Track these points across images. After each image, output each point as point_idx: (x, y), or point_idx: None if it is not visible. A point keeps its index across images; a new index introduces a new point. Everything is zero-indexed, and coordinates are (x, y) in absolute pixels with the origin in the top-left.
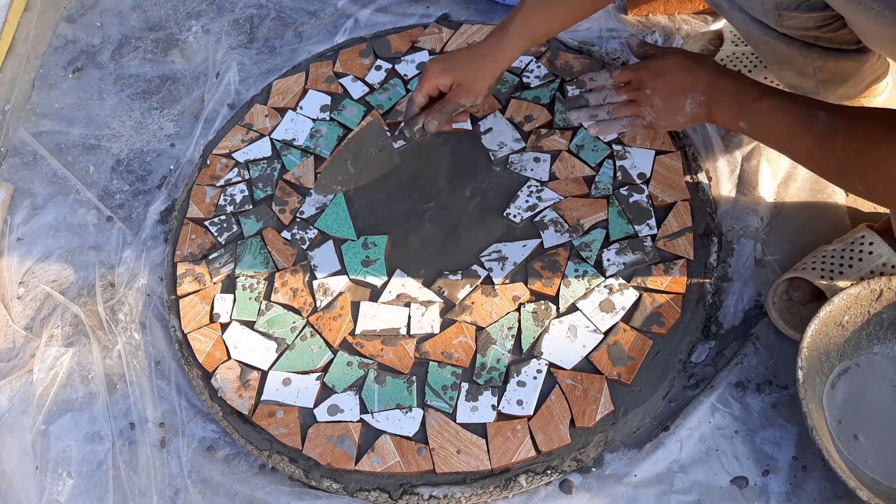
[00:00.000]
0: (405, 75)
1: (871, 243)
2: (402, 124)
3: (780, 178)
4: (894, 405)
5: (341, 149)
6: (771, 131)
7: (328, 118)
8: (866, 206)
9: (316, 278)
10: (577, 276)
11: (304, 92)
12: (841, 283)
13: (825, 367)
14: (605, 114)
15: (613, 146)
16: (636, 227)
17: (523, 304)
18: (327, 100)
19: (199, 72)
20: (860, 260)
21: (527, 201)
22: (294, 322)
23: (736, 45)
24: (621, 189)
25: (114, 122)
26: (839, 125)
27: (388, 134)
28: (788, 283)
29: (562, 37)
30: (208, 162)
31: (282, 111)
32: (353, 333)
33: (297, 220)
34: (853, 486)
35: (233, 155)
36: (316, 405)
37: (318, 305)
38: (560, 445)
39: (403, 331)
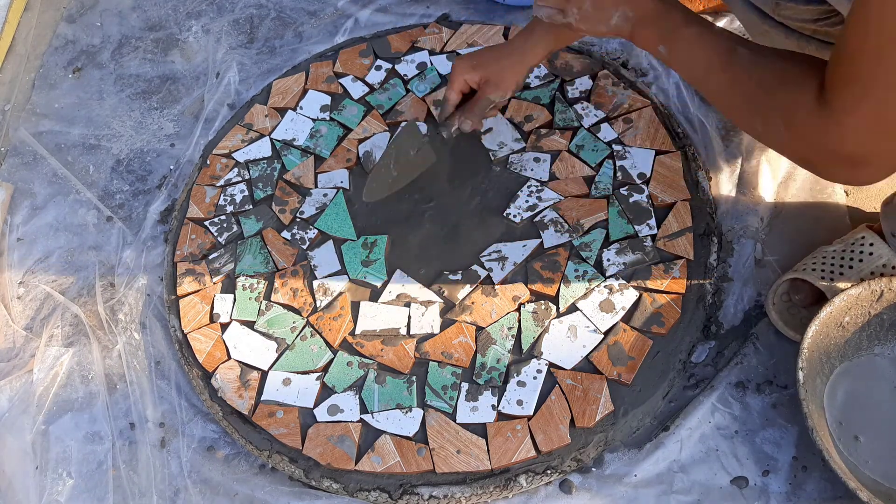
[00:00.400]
0: (405, 75)
1: (871, 244)
2: (438, 125)
3: (780, 178)
4: (895, 406)
5: (384, 154)
6: (689, 60)
7: (328, 118)
8: (867, 205)
9: (316, 278)
10: (577, 276)
11: (304, 92)
12: (841, 284)
13: (826, 367)
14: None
15: (613, 146)
16: (636, 227)
17: (523, 304)
18: (327, 100)
19: (199, 72)
20: (860, 261)
21: (527, 201)
22: (294, 322)
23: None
24: (621, 189)
25: (114, 122)
26: (759, 62)
27: (425, 134)
28: (789, 284)
29: None
30: (208, 162)
31: (282, 111)
32: (353, 333)
33: (297, 220)
34: (853, 486)
35: (233, 155)
36: (316, 405)
37: (318, 305)
38: (560, 445)
39: (403, 331)
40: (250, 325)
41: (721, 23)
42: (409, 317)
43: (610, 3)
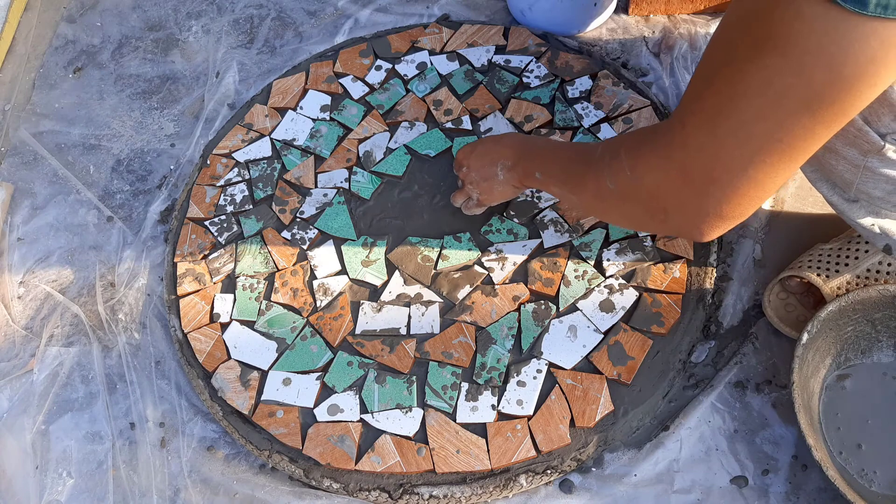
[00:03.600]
0: (405, 75)
1: (867, 241)
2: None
3: None
4: (894, 412)
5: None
6: (555, 171)
7: (328, 118)
8: None
9: (316, 278)
10: (577, 276)
11: (304, 92)
12: (836, 282)
13: (822, 372)
14: (455, 203)
15: None
16: None
17: (523, 304)
18: (327, 100)
19: (199, 72)
20: (856, 258)
21: (527, 201)
22: (294, 322)
23: None
24: None
25: (114, 122)
26: (603, 144)
27: None
28: (785, 282)
29: (561, 37)
30: (208, 162)
31: (282, 111)
32: (353, 333)
33: (297, 220)
34: (832, 475)
35: (233, 155)
36: (316, 405)
37: (318, 305)
38: (560, 445)
39: (403, 331)
40: (250, 325)
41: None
42: (409, 317)
43: (488, 161)
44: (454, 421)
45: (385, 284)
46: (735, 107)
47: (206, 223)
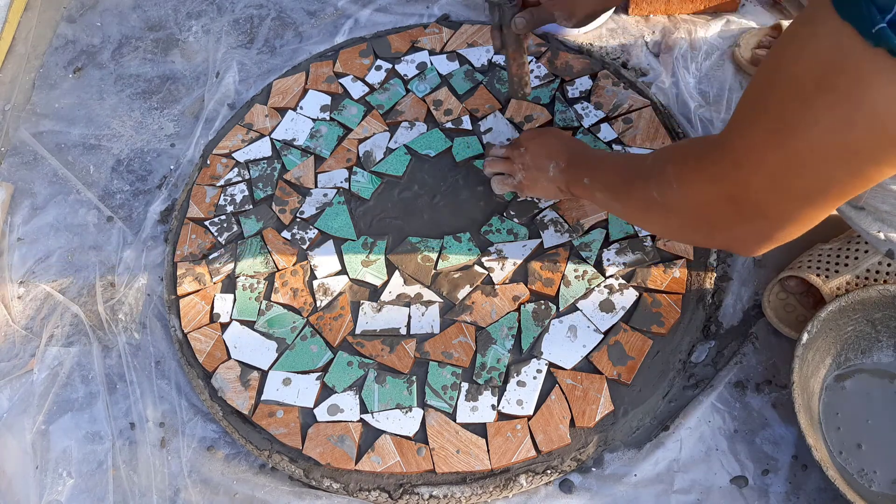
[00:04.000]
0: (405, 75)
1: (866, 242)
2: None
3: None
4: (894, 412)
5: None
6: (603, 172)
7: (328, 118)
8: None
9: (316, 278)
10: (577, 276)
11: (305, 92)
12: (836, 282)
13: (822, 372)
14: (486, 169)
15: (613, 146)
16: (636, 227)
17: (523, 304)
18: (327, 100)
19: (199, 72)
20: (856, 258)
21: (527, 201)
22: (294, 322)
23: None
24: None
25: (114, 122)
26: (649, 155)
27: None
28: (785, 282)
29: (562, 37)
30: (208, 162)
31: (282, 111)
32: (353, 333)
33: (297, 220)
34: (843, 490)
35: (233, 155)
36: (316, 405)
37: (318, 305)
38: (560, 445)
39: (403, 331)
40: (250, 325)
41: (718, 24)
42: (409, 317)
43: (545, 153)
44: (454, 421)
45: (385, 284)
46: (793, 143)
47: (206, 223)
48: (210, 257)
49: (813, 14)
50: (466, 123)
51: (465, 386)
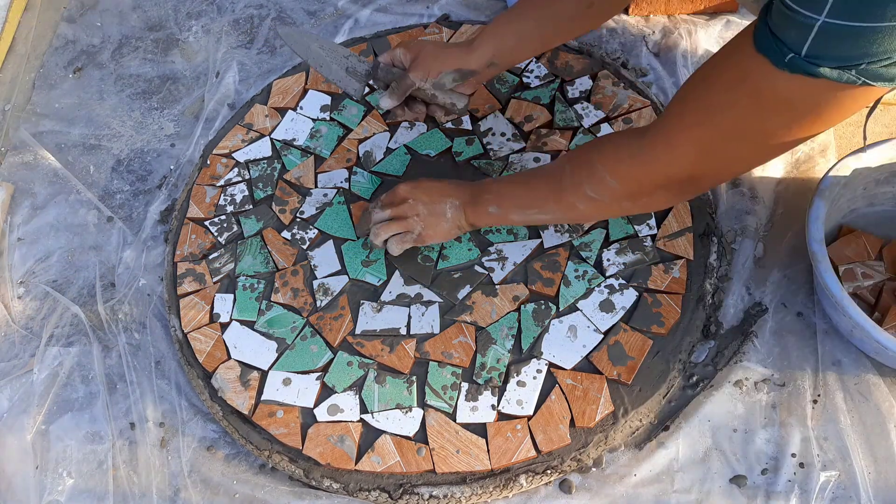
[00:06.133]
0: None
1: None
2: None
3: (779, 177)
4: None
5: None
6: (513, 198)
7: (328, 118)
8: None
9: (316, 278)
10: (577, 276)
11: (305, 92)
12: None
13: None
14: (377, 238)
15: None
16: (636, 227)
17: (523, 304)
18: (327, 100)
19: (199, 72)
20: None
21: None
22: (294, 322)
23: None
24: None
25: (114, 122)
26: (563, 157)
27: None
28: None
29: None
30: (208, 162)
31: (282, 111)
32: (353, 333)
33: (297, 220)
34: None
35: (233, 155)
36: (316, 405)
37: (318, 305)
38: (560, 445)
39: (403, 331)
40: (250, 325)
41: (718, 24)
42: (409, 317)
43: (436, 196)
44: (454, 421)
45: (385, 284)
46: (713, 123)
47: (206, 223)
48: (210, 257)
49: (737, 43)
50: (466, 123)
51: (465, 386)
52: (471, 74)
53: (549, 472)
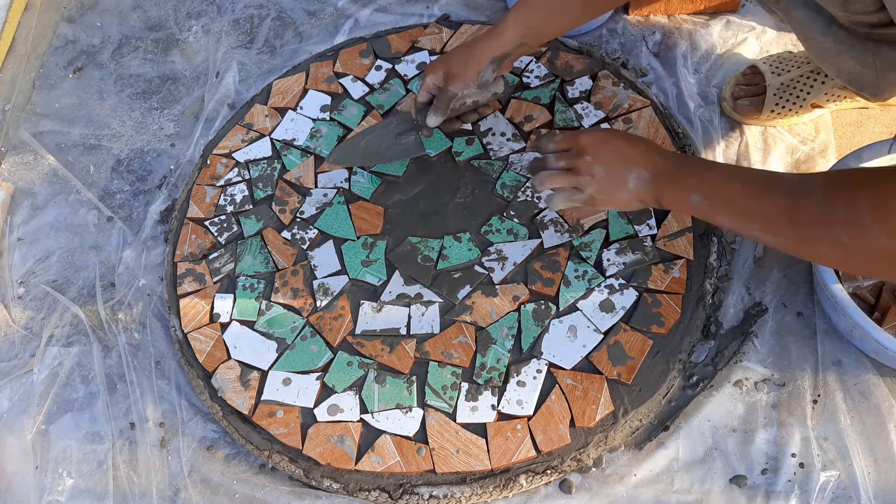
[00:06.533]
0: (405, 75)
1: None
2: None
3: None
4: None
5: (367, 129)
6: (731, 198)
7: (328, 118)
8: None
9: (316, 278)
10: (577, 276)
11: (305, 92)
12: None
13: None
14: (542, 186)
15: None
16: (636, 227)
17: (523, 304)
18: (327, 100)
19: (199, 72)
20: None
21: (527, 201)
22: (294, 322)
23: (778, 75)
24: None
25: (114, 122)
26: (817, 179)
27: (414, 125)
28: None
29: (562, 37)
30: (208, 162)
31: (282, 111)
32: (353, 333)
33: (297, 219)
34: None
35: (233, 155)
36: (316, 405)
37: (318, 305)
38: (560, 445)
39: (403, 331)
40: (250, 325)
41: (718, 25)
42: (409, 317)
43: (620, 161)
44: (454, 421)
45: (385, 284)
46: None
47: (206, 223)
48: (210, 257)
49: None
50: (466, 123)
51: (465, 386)
52: (505, 58)
53: (549, 472)
